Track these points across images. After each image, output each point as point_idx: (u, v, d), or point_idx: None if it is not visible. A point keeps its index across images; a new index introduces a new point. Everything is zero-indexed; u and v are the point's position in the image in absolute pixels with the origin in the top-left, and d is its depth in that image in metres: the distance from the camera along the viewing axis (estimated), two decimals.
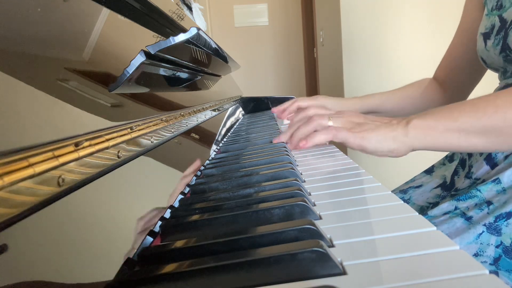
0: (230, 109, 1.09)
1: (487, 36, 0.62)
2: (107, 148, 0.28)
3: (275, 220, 0.30)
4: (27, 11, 0.26)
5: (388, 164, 1.94)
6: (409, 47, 1.86)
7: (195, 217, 0.31)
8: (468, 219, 0.54)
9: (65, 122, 0.25)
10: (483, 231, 0.51)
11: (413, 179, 0.78)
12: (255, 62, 3.46)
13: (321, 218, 0.30)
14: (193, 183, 0.44)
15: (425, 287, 0.19)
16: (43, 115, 0.23)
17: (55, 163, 0.21)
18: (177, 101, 0.56)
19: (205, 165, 0.53)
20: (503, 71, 0.63)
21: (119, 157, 0.30)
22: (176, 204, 0.37)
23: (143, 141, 0.36)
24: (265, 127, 0.91)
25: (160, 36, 0.56)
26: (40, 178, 0.20)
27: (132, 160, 0.33)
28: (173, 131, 0.47)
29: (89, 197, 0.25)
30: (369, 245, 0.24)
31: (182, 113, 0.54)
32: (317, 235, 0.25)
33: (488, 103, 0.46)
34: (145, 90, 0.44)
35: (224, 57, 0.82)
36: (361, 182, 0.39)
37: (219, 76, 1.08)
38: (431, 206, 0.66)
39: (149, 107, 0.42)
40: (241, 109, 1.38)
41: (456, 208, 0.56)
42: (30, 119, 0.21)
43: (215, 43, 0.65)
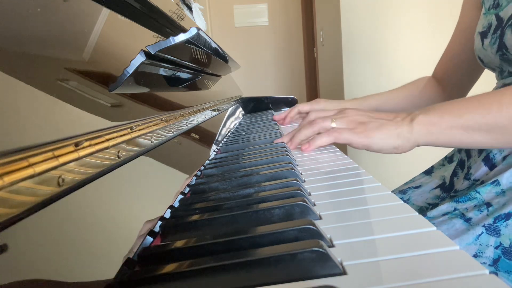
0: (230, 109, 1.09)
1: (484, 35, 0.62)
2: (107, 148, 0.28)
3: (275, 220, 0.30)
4: (27, 11, 0.26)
5: (388, 164, 1.94)
6: (409, 47, 1.86)
7: (195, 217, 0.31)
8: (467, 220, 0.54)
9: (65, 122, 0.25)
10: (482, 232, 0.51)
11: (413, 180, 0.78)
12: (255, 62, 3.46)
13: (321, 218, 0.30)
14: (193, 183, 0.44)
15: (425, 287, 0.19)
16: (43, 115, 0.23)
17: (55, 163, 0.21)
18: (177, 101, 0.56)
19: (205, 165, 0.53)
20: (500, 70, 0.63)
21: (119, 157, 0.30)
22: (176, 204, 0.37)
23: (143, 141, 0.36)
24: (265, 127, 0.91)
25: (160, 36, 0.56)
26: (40, 178, 0.20)
27: (132, 160, 0.33)
28: (173, 131, 0.47)
29: (89, 197, 0.25)
30: (369, 245, 0.24)
31: (182, 113, 0.54)
32: (317, 235, 0.25)
33: (493, 101, 0.46)
34: (145, 90, 0.44)
35: (224, 57, 0.82)
36: (361, 182, 0.39)
37: (219, 76, 1.08)
38: (430, 207, 0.66)
39: (149, 107, 0.42)
40: (241, 109, 1.38)
41: (455, 209, 0.56)
42: (30, 119, 0.21)
43: (215, 43, 0.65)
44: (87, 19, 0.36)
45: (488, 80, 0.80)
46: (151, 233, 0.29)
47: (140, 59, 0.38)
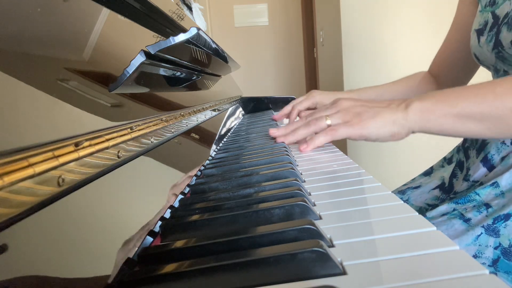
0: (230, 109, 1.09)
1: (480, 32, 0.62)
2: (107, 148, 0.28)
3: (275, 220, 0.30)
4: (27, 11, 0.26)
5: (388, 164, 1.94)
6: (409, 47, 1.86)
7: (195, 217, 0.31)
8: (466, 220, 0.54)
9: (65, 122, 0.25)
10: (482, 233, 0.51)
11: (412, 181, 0.78)
12: (255, 62, 3.46)
13: (321, 218, 0.30)
14: (193, 183, 0.44)
15: (425, 287, 0.19)
16: (43, 115, 0.23)
17: (55, 163, 0.21)
18: (177, 101, 0.56)
19: (205, 165, 0.53)
20: (495, 69, 0.63)
21: (119, 157, 0.30)
22: (176, 204, 0.37)
23: (143, 141, 0.36)
24: (265, 127, 0.91)
25: (160, 36, 0.56)
26: (40, 178, 0.20)
27: (132, 160, 0.33)
28: (173, 131, 0.47)
29: (89, 197, 0.25)
30: (369, 245, 0.24)
31: (182, 113, 0.54)
32: (317, 235, 0.25)
33: (487, 90, 0.46)
34: (145, 90, 0.44)
35: (224, 57, 0.82)
36: (361, 182, 0.39)
37: (219, 76, 1.08)
38: (430, 208, 0.66)
39: (149, 107, 0.42)
40: (241, 109, 1.38)
41: (454, 209, 0.56)
42: (30, 119, 0.21)
43: (215, 43, 0.65)
44: (87, 19, 0.36)
45: (486, 78, 0.80)
46: (151, 233, 0.29)
47: (140, 59, 0.38)
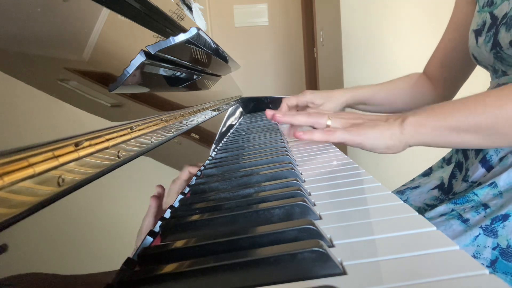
0: (230, 109, 1.09)
1: (478, 33, 0.62)
2: (107, 148, 0.28)
3: (275, 220, 0.30)
4: (27, 11, 0.26)
5: (388, 164, 1.94)
6: (409, 47, 1.86)
7: (195, 217, 0.31)
8: (464, 221, 0.54)
9: (65, 122, 0.25)
10: (480, 233, 0.51)
11: (411, 181, 0.78)
12: (255, 62, 3.46)
13: (321, 218, 0.30)
14: (193, 183, 0.44)
15: (425, 287, 0.19)
16: (43, 115, 0.23)
17: (55, 163, 0.21)
18: (177, 101, 0.56)
19: (205, 165, 0.53)
20: (493, 69, 0.63)
21: (119, 157, 0.30)
22: (176, 204, 0.37)
23: (143, 141, 0.36)
24: (265, 127, 0.91)
25: (160, 36, 0.56)
26: (40, 178, 0.20)
27: (132, 160, 0.33)
28: (173, 131, 0.47)
29: (89, 197, 0.25)
30: (369, 245, 0.24)
31: (182, 113, 0.54)
32: (317, 235, 0.25)
33: (477, 102, 0.47)
34: (145, 90, 0.44)
35: (224, 57, 0.82)
36: (361, 182, 0.39)
37: (219, 76, 1.08)
38: (429, 208, 0.66)
39: (149, 107, 0.42)
40: (241, 109, 1.38)
41: (452, 210, 0.56)
42: (30, 119, 0.21)
43: (215, 43, 0.65)
44: (87, 19, 0.36)
45: (484, 83, 0.80)
46: (151, 233, 0.29)
47: (140, 59, 0.38)
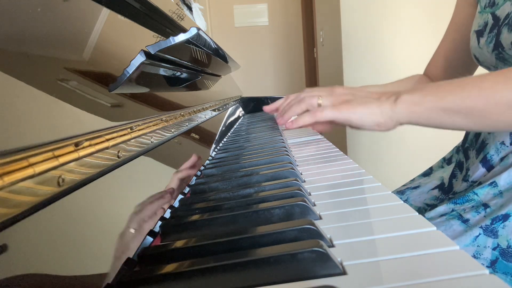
0: (230, 109, 1.09)
1: (480, 33, 0.62)
2: (107, 148, 0.28)
3: (275, 220, 0.30)
4: (27, 11, 0.26)
5: (388, 164, 1.94)
6: (409, 47, 1.86)
7: (195, 217, 0.31)
8: (465, 221, 0.54)
9: (65, 122, 0.25)
10: (480, 234, 0.51)
11: (411, 181, 0.78)
12: (255, 62, 3.46)
13: (321, 218, 0.30)
14: (193, 183, 0.44)
15: (425, 287, 0.19)
16: (43, 115, 0.23)
17: (55, 163, 0.21)
18: (177, 101, 0.56)
19: (205, 165, 0.53)
20: (495, 70, 0.63)
21: (119, 157, 0.30)
22: (176, 204, 0.37)
23: (143, 141, 0.36)
24: (265, 127, 0.91)
25: (160, 36, 0.56)
26: (40, 178, 0.20)
27: (132, 160, 0.33)
28: (173, 131, 0.47)
29: (89, 197, 0.25)
30: (369, 245, 0.24)
31: (182, 113, 0.54)
32: (317, 235, 0.25)
33: (473, 84, 0.46)
34: (145, 90, 0.44)
35: (224, 57, 0.82)
36: (361, 182, 0.39)
37: (219, 76, 1.08)
38: (429, 208, 0.66)
39: (149, 107, 0.42)
40: (241, 109, 1.38)
41: (453, 210, 0.56)
42: (30, 119, 0.21)
43: (215, 43, 0.65)
44: (87, 19, 0.36)
45: None
46: (151, 233, 0.29)
47: (140, 59, 0.38)
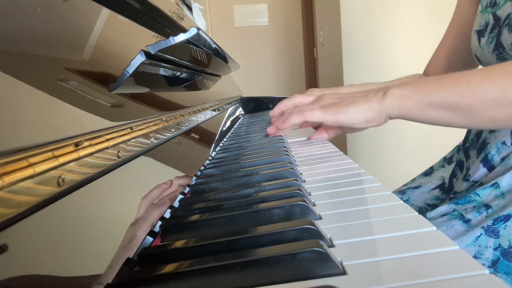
0: (230, 109, 1.09)
1: (481, 33, 0.62)
2: (107, 148, 0.28)
3: (275, 220, 0.30)
4: (27, 11, 0.26)
5: (388, 164, 1.94)
6: (409, 47, 1.86)
7: (195, 217, 0.31)
8: (466, 221, 0.54)
9: (65, 122, 0.25)
10: (481, 234, 0.51)
11: (412, 181, 0.78)
12: (255, 62, 3.46)
13: (321, 218, 0.30)
14: (193, 183, 0.44)
15: (425, 287, 0.19)
16: (43, 115, 0.23)
17: (55, 163, 0.21)
18: (177, 101, 0.56)
19: (205, 165, 0.53)
20: None
21: (119, 157, 0.30)
22: (176, 204, 0.37)
23: (143, 141, 0.36)
24: (265, 127, 0.91)
25: (160, 36, 0.56)
26: (40, 178, 0.20)
27: (132, 160, 0.33)
28: (173, 131, 0.47)
29: (89, 197, 0.25)
30: (369, 245, 0.24)
31: (182, 113, 0.54)
32: (317, 235, 0.25)
33: (462, 80, 0.46)
34: (145, 90, 0.44)
35: (224, 57, 0.82)
36: (361, 182, 0.39)
37: (219, 76, 1.08)
38: (430, 208, 0.66)
39: (149, 107, 0.42)
40: (241, 109, 1.38)
41: (454, 210, 0.56)
42: (30, 119, 0.21)
43: (215, 43, 0.65)
44: (87, 19, 0.36)
45: None
46: (151, 233, 0.29)
47: (140, 59, 0.38)
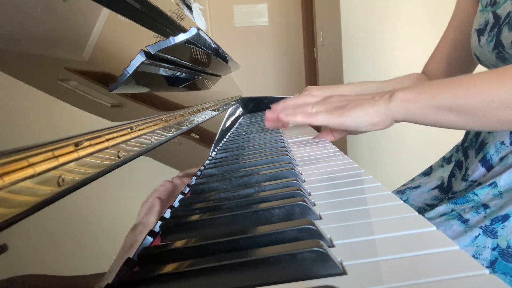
0: (230, 109, 1.09)
1: (481, 32, 0.62)
2: (107, 148, 0.28)
3: (275, 220, 0.30)
4: (27, 11, 0.26)
5: (388, 164, 1.94)
6: (409, 47, 1.86)
7: (195, 217, 0.31)
8: (464, 221, 0.54)
9: (65, 122, 0.25)
10: (480, 234, 0.51)
11: (411, 181, 0.78)
12: (255, 62, 3.46)
13: (321, 218, 0.30)
14: (193, 183, 0.44)
15: (425, 287, 0.19)
16: (43, 115, 0.23)
17: (55, 163, 0.21)
18: (177, 101, 0.56)
19: (205, 165, 0.53)
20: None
21: (119, 157, 0.30)
22: (176, 204, 0.37)
23: (143, 141, 0.36)
24: (265, 127, 0.91)
25: (160, 36, 0.56)
26: (40, 178, 0.20)
27: (132, 160, 0.33)
28: (173, 131, 0.47)
29: (89, 197, 0.25)
30: (369, 245, 0.24)
31: (182, 113, 0.54)
32: (317, 235, 0.25)
33: (466, 83, 0.47)
34: (145, 90, 0.44)
35: (224, 57, 0.82)
36: (361, 182, 0.39)
37: (219, 76, 1.08)
38: (429, 208, 0.66)
39: (149, 107, 0.42)
40: (241, 109, 1.38)
41: (452, 210, 0.56)
42: (30, 119, 0.21)
43: (215, 43, 0.65)
44: (87, 19, 0.36)
45: None
46: (151, 233, 0.29)
47: (140, 59, 0.38)
